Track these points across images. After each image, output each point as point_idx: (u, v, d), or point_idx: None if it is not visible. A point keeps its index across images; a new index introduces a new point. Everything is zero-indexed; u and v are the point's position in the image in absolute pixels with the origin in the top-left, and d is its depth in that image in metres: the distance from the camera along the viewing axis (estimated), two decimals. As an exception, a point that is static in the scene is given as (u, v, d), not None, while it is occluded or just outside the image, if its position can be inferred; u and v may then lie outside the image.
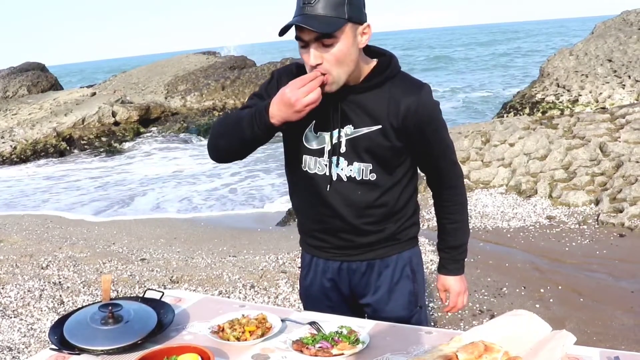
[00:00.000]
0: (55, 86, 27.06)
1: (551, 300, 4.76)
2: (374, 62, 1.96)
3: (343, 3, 1.76)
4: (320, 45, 1.78)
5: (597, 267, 5.41)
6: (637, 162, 7.46)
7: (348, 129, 1.95)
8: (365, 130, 1.93)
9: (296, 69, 2.03)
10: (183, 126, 18.84)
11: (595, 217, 6.64)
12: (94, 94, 21.10)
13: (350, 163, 1.97)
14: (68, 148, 16.73)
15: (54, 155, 16.23)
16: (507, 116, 14.23)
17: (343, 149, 1.96)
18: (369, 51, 1.97)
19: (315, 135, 2.00)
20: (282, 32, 1.80)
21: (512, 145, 8.79)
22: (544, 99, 15.15)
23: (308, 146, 2.01)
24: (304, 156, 2.03)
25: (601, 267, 5.38)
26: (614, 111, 9.61)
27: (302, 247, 2.28)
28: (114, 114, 18.38)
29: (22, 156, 15.69)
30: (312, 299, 2.26)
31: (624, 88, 14.35)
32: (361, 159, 1.96)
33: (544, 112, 13.95)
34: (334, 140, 1.96)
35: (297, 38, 1.82)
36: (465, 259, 2.27)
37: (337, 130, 1.95)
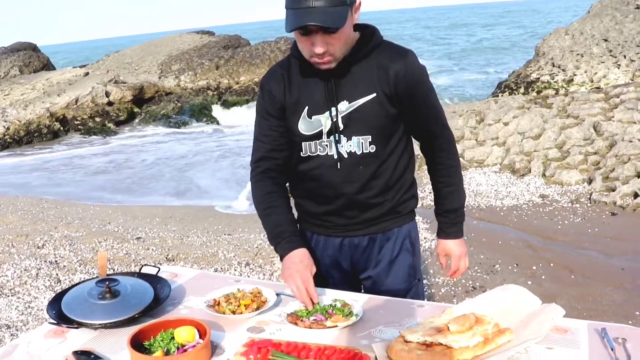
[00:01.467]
0: (48, 66, 26.88)
1: (543, 277, 4.82)
2: (357, 34, 2.00)
3: None
4: (326, 33, 1.82)
5: (589, 244, 5.46)
6: (630, 141, 7.50)
7: (342, 106, 1.97)
8: (360, 101, 1.96)
9: (280, 69, 2.10)
10: (177, 106, 18.76)
11: (588, 196, 6.69)
12: (87, 74, 20.96)
13: (349, 138, 2.00)
14: (62, 128, 16.65)
15: (48, 135, 16.16)
16: (501, 95, 14.23)
17: (341, 126, 1.99)
18: None
19: (310, 120, 2.02)
20: (292, 29, 1.82)
21: (506, 124, 8.81)
22: (539, 78, 15.14)
23: (305, 133, 2.03)
24: (303, 143, 2.05)
25: (593, 245, 5.44)
26: (608, 91, 9.63)
27: (301, 225, 2.27)
28: (107, 94, 18.27)
29: (15, 137, 15.62)
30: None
31: (619, 68, 14.34)
32: (360, 132, 1.99)
33: (538, 92, 13.96)
34: (332, 120, 1.99)
35: (299, 29, 1.82)
36: (463, 222, 2.26)
37: (332, 109, 1.98)
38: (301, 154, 2.07)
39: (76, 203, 8.66)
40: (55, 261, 5.56)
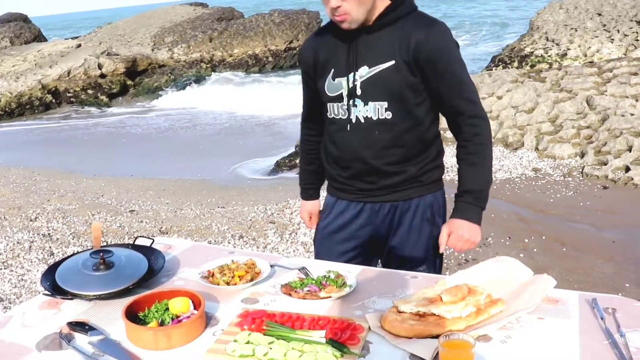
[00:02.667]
0: (39, 38, 26.59)
1: (535, 250, 4.85)
2: (387, 2, 2.01)
3: None
4: None
5: (581, 218, 5.50)
6: (623, 115, 7.51)
7: (363, 70, 2.02)
8: (379, 68, 1.99)
9: (314, 35, 2.25)
10: (170, 78, 18.64)
11: (580, 170, 6.72)
12: (79, 45, 20.74)
13: (366, 103, 2.04)
14: (54, 101, 16.53)
15: (40, 108, 16.04)
16: (495, 69, 14.20)
17: (359, 91, 2.03)
18: None
19: (333, 82, 2.09)
20: None
21: (500, 98, 8.80)
22: (532, 52, 15.11)
23: (329, 94, 2.12)
24: (328, 104, 2.15)
25: (584, 218, 5.48)
26: (601, 65, 9.62)
27: (327, 191, 2.35)
28: (100, 66, 18.11)
29: (7, 109, 15.50)
30: (326, 242, 2.32)
31: (612, 42, 14.32)
32: (376, 97, 2.03)
33: (532, 66, 13.93)
34: (350, 84, 2.04)
35: None
36: (483, 209, 2.11)
37: (352, 74, 2.03)
38: (328, 115, 2.17)
39: (69, 175, 8.63)
40: (48, 234, 5.56)
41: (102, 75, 17.99)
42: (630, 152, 6.71)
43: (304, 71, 2.25)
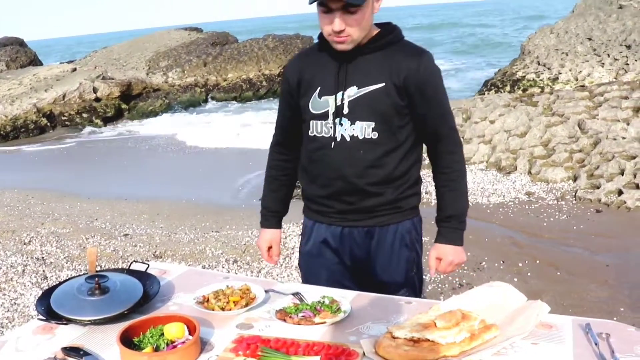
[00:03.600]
0: (35, 61, 26.67)
1: (529, 274, 4.86)
2: (378, 30, 2.10)
3: None
4: (346, 12, 1.92)
5: (574, 241, 5.52)
6: (614, 139, 7.57)
7: (351, 90, 2.07)
8: (369, 88, 2.05)
9: (300, 55, 2.29)
10: (165, 102, 18.69)
11: (573, 193, 6.75)
12: (75, 69, 20.81)
13: (352, 122, 2.08)
14: (48, 124, 16.54)
15: (35, 131, 16.04)
16: (488, 93, 14.31)
17: (346, 110, 2.07)
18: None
19: (319, 100, 2.12)
20: (313, 1, 1.92)
21: (492, 122, 8.86)
22: (524, 76, 15.25)
23: (314, 112, 2.14)
24: (311, 122, 2.16)
25: (578, 242, 5.50)
26: (592, 89, 9.71)
27: (305, 214, 2.36)
28: (95, 90, 18.17)
29: (1, 132, 15.49)
30: (311, 266, 2.34)
31: (603, 66, 14.47)
32: (363, 117, 2.07)
33: (524, 90, 14.05)
34: (338, 103, 2.08)
35: (321, 4, 1.93)
36: (464, 231, 2.23)
37: (340, 92, 2.07)
38: (309, 133, 2.18)
39: (63, 198, 8.61)
40: (42, 257, 5.54)
41: (97, 99, 18.03)
42: (622, 175, 6.75)
43: (286, 90, 2.26)
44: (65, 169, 11.74)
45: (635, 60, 14.37)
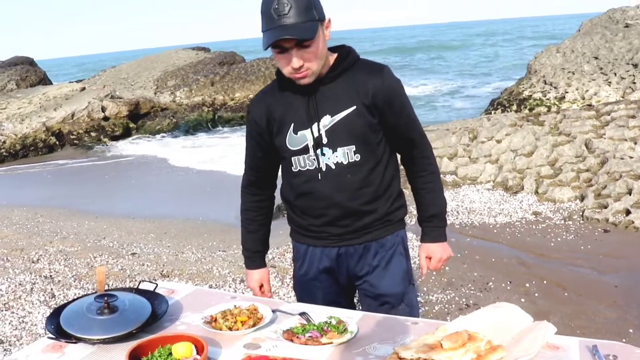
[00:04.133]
0: (44, 80, 26.93)
1: (536, 294, 4.84)
2: (335, 55, 2.13)
3: (311, 7, 1.94)
4: (300, 48, 1.95)
5: (582, 262, 5.50)
6: (622, 158, 7.56)
7: (325, 120, 2.10)
8: (342, 114, 2.09)
9: (263, 95, 2.27)
10: (172, 122, 18.80)
11: (581, 213, 6.74)
12: (84, 88, 21.00)
13: (334, 150, 2.12)
14: (57, 143, 16.65)
15: (43, 150, 16.15)
16: (494, 113, 14.34)
17: (325, 140, 2.11)
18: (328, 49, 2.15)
19: (295, 136, 2.14)
20: (268, 45, 1.94)
21: (499, 141, 8.87)
22: (531, 95, 15.27)
23: (293, 148, 2.16)
24: (293, 158, 2.19)
25: (586, 262, 5.47)
26: (599, 108, 9.72)
27: (295, 239, 2.38)
28: (103, 109, 18.31)
29: (11, 150, 15.61)
30: (306, 288, 2.36)
31: (609, 85, 14.49)
32: (343, 142, 2.11)
33: (531, 109, 14.07)
34: (315, 134, 2.10)
35: (275, 47, 1.96)
36: (446, 227, 2.36)
37: (315, 124, 2.10)
38: (292, 169, 2.20)
39: (71, 217, 8.66)
40: (50, 276, 5.56)
41: (105, 118, 18.17)
42: (630, 195, 6.74)
43: (255, 132, 2.26)
44: (74, 187, 11.80)
45: (642, 80, 14.37)
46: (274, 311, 1.99)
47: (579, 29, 22.43)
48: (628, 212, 6.45)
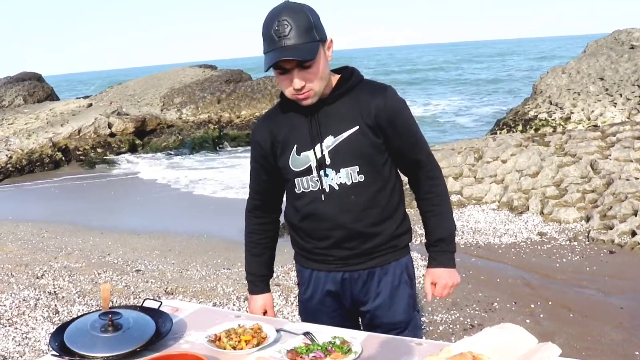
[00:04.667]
0: (52, 96, 27.12)
1: (541, 315, 4.82)
2: (338, 76, 2.15)
3: (311, 28, 1.94)
4: (302, 69, 1.96)
5: (587, 283, 5.47)
6: (627, 179, 7.55)
7: (328, 140, 2.09)
8: (345, 134, 2.08)
9: (265, 118, 2.28)
10: (178, 139, 18.87)
11: (586, 234, 6.72)
12: (90, 105, 21.13)
13: (337, 171, 2.10)
14: (63, 158, 16.72)
15: (49, 165, 16.21)
16: (500, 133, 14.35)
17: (328, 160, 2.10)
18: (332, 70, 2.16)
19: (298, 157, 2.14)
20: (269, 67, 1.96)
21: (504, 161, 8.87)
22: (536, 116, 15.28)
23: (296, 169, 2.16)
24: (296, 180, 2.18)
25: (591, 283, 5.45)
26: (605, 129, 9.73)
27: (299, 262, 2.36)
28: (109, 125, 18.41)
29: (17, 166, 15.67)
30: (312, 312, 2.34)
31: (615, 106, 14.49)
32: (346, 163, 2.10)
33: (536, 129, 14.07)
34: (318, 155, 2.10)
35: (276, 68, 1.97)
36: (455, 252, 2.29)
37: (317, 145, 2.10)
38: (295, 191, 2.19)
39: (77, 233, 8.67)
40: (54, 292, 5.56)
41: (112, 134, 18.26)
42: (635, 216, 6.71)
43: (259, 155, 2.26)
44: (79, 203, 11.83)
45: (648, 101, 14.38)
46: (278, 330, 1.99)
47: (584, 50, 22.49)
48: (634, 234, 6.43)
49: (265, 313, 2.43)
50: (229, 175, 14.02)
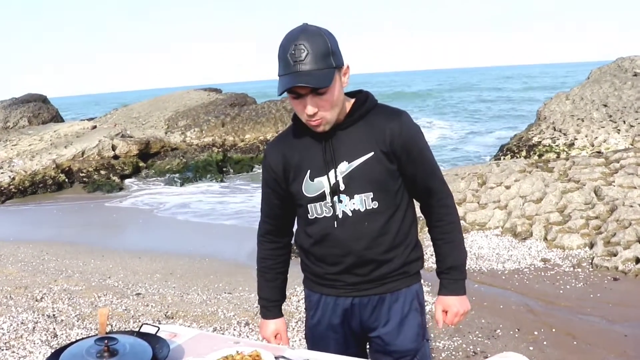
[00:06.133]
0: (56, 118, 27.26)
1: (545, 342, 4.76)
2: (352, 100, 2.12)
3: (328, 54, 1.91)
4: (315, 95, 1.93)
5: (591, 310, 5.42)
6: (631, 206, 7.52)
7: (343, 166, 2.07)
8: (359, 160, 2.06)
9: (278, 141, 2.26)
10: (182, 162, 18.91)
11: (590, 261, 6.67)
12: (95, 127, 21.22)
13: (351, 197, 2.08)
14: (66, 180, 16.75)
15: (52, 187, 16.23)
16: (503, 158, 14.34)
17: (342, 186, 2.07)
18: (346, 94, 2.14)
19: (312, 182, 2.12)
20: (282, 91, 1.94)
21: (508, 187, 8.85)
22: (540, 142, 15.29)
23: (309, 195, 2.13)
24: (309, 205, 2.15)
25: (595, 311, 5.39)
26: (608, 155, 9.71)
27: (308, 287, 2.34)
28: (113, 148, 18.46)
29: (20, 187, 15.70)
30: (318, 338, 2.30)
31: (619, 133, 14.49)
32: (361, 189, 2.07)
33: (540, 155, 14.07)
34: (332, 181, 2.07)
35: (290, 92, 1.95)
36: (465, 279, 2.26)
37: (332, 170, 2.07)
38: (308, 217, 2.16)
39: (77, 255, 8.65)
40: (53, 315, 5.52)
41: (116, 157, 18.30)
42: (639, 243, 6.67)
43: (271, 179, 2.23)
44: (81, 225, 11.82)
45: (651, 128, 14.38)
46: (277, 358, 1.96)
47: (588, 77, 22.59)
48: (638, 261, 6.38)
49: (277, 336, 2.41)
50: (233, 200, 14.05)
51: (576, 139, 14.74)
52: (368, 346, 2.34)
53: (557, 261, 6.79)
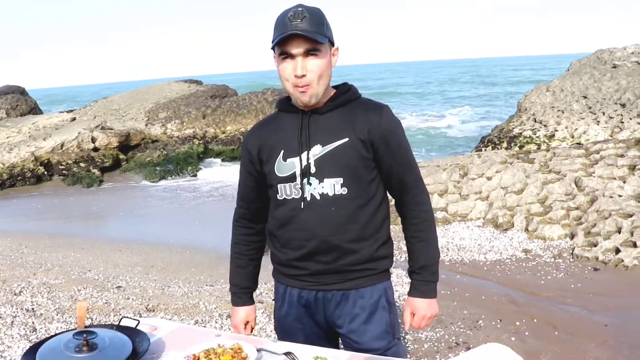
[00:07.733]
0: (35, 110, 26.96)
1: (526, 333, 4.79)
2: (333, 90, 2.14)
3: (322, 23, 1.97)
4: (306, 57, 1.95)
5: (572, 300, 5.46)
6: (611, 197, 7.59)
7: (316, 149, 2.06)
8: (333, 145, 2.05)
9: (260, 125, 2.29)
10: (163, 154, 18.76)
11: (570, 251, 6.72)
12: (74, 119, 20.97)
13: (321, 181, 2.06)
14: (45, 173, 16.55)
15: (31, 180, 16.03)
16: (485, 150, 14.42)
17: (313, 169, 2.06)
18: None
19: (284, 162, 2.11)
20: (277, 42, 1.95)
21: (489, 178, 8.89)
22: (521, 133, 15.40)
23: (280, 175, 2.12)
24: (279, 185, 2.14)
25: (576, 301, 5.44)
26: (588, 147, 9.79)
27: (275, 278, 2.31)
28: (93, 140, 18.26)
29: (-2, 180, 15.50)
30: (287, 330, 2.27)
31: (598, 124, 14.64)
32: (331, 174, 2.06)
33: (521, 147, 14.17)
34: (304, 163, 2.06)
35: (281, 53, 1.97)
36: (437, 282, 2.21)
37: (305, 152, 2.07)
38: (277, 197, 2.15)
39: (57, 248, 8.54)
40: (32, 309, 5.44)
41: (95, 149, 18.09)
42: (619, 233, 6.74)
43: (247, 161, 2.24)
44: (61, 218, 11.69)
45: (630, 119, 14.55)
46: (259, 350, 1.93)
47: (568, 69, 22.76)
48: (617, 251, 6.44)
49: (246, 325, 2.38)
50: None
51: (556, 130, 14.87)
52: (342, 344, 2.30)
53: (538, 252, 6.84)
